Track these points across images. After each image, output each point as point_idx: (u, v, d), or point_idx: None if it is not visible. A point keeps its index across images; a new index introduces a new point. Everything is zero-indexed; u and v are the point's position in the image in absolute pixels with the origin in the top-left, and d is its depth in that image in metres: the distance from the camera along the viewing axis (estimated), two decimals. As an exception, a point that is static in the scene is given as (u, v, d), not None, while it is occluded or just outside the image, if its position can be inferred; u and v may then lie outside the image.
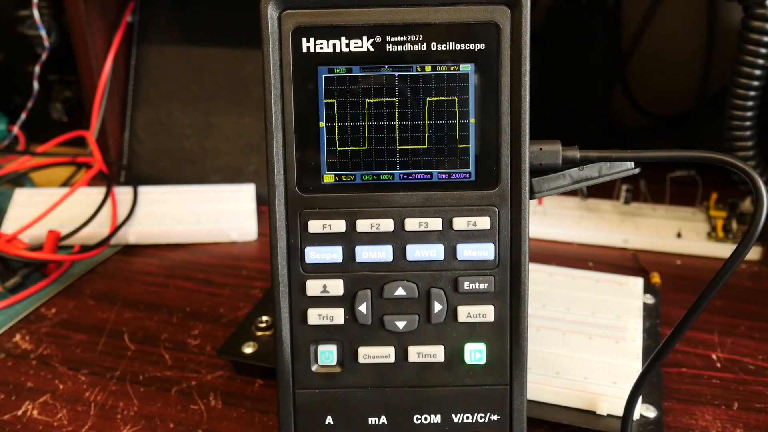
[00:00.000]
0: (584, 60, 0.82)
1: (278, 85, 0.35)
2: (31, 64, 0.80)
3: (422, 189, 0.37)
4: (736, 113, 0.58)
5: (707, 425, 0.44)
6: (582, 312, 0.51)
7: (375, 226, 0.37)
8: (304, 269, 0.37)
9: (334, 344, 0.38)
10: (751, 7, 0.54)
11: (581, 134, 0.84)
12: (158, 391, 0.47)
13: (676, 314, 0.54)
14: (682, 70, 0.82)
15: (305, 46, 0.35)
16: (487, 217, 0.37)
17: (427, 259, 0.37)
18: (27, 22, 0.77)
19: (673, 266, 0.63)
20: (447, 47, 0.35)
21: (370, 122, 0.36)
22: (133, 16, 0.80)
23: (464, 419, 0.38)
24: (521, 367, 0.38)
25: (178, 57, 0.79)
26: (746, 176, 0.35)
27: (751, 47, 0.55)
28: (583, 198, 0.71)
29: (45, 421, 0.45)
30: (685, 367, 0.49)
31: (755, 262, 0.63)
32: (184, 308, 0.56)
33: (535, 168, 0.37)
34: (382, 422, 0.38)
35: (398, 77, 0.36)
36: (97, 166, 0.76)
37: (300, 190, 0.36)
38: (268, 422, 0.45)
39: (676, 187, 0.69)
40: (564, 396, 0.43)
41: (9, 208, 0.69)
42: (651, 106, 0.85)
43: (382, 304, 0.37)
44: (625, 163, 0.38)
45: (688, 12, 0.81)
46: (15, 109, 0.84)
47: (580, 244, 0.67)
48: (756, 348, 0.51)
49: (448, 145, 0.36)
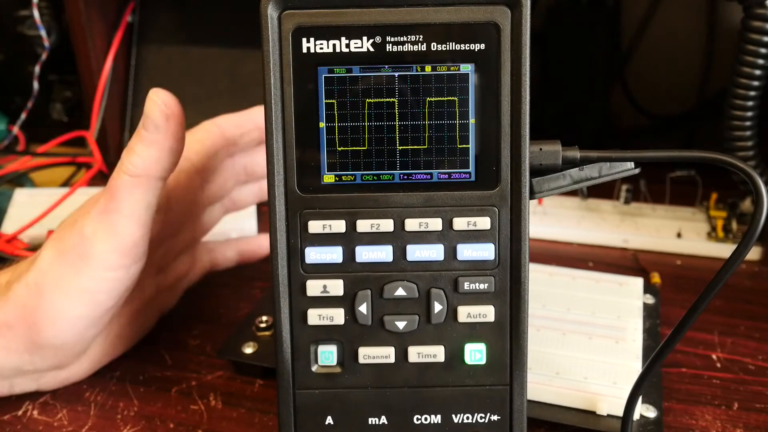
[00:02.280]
0: (584, 60, 0.82)
1: (278, 86, 0.35)
2: (31, 64, 0.80)
3: (422, 189, 0.37)
4: (736, 113, 0.58)
5: (707, 425, 0.44)
6: (582, 312, 0.51)
7: (375, 226, 0.37)
8: (304, 269, 0.37)
9: (334, 344, 0.38)
10: (751, 7, 0.54)
11: (581, 134, 0.84)
12: (158, 391, 0.47)
13: (676, 314, 0.54)
14: (682, 70, 0.82)
15: (305, 47, 0.35)
16: (487, 218, 0.37)
17: (427, 259, 0.37)
18: (27, 22, 0.77)
19: (673, 266, 0.63)
20: (447, 47, 0.35)
21: (370, 122, 0.36)
22: (133, 16, 0.80)
23: (464, 419, 0.38)
24: (521, 367, 0.38)
25: (178, 57, 0.79)
26: (746, 176, 0.35)
27: (751, 47, 0.55)
28: (583, 198, 0.71)
29: (45, 421, 0.45)
30: (685, 367, 0.49)
31: (755, 262, 0.63)
32: (184, 308, 0.56)
33: (535, 168, 0.37)
34: (382, 422, 0.38)
35: (398, 77, 0.36)
36: (97, 166, 0.76)
37: (300, 190, 0.36)
38: (268, 422, 0.45)
39: (676, 187, 0.69)
40: (564, 396, 0.43)
41: (9, 208, 0.69)
42: (651, 106, 0.85)
43: (382, 305, 0.37)
44: (625, 163, 0.38)
45: (688, 12, 0.81)
46: (15, 109, 0.84)
47: (580, 244, 0.67)
48: (756, 348, 0.51)
49: (448, 146, 0.36)
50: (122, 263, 0.42)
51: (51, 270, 0.42)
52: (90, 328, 0.44)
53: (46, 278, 0.42)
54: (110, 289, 0.43)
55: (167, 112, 0.41)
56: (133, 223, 0.42)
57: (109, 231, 0.42)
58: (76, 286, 0.42)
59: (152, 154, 0.41)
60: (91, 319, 0.43)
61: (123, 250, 0.42)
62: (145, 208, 0.42)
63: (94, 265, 0.42)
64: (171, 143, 0.42)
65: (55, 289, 0.42)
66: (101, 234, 0.42)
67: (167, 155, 0.42)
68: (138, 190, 0.41)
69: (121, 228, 0.42)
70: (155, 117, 0.41)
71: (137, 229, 0.42)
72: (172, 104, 0.41)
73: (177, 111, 0.42)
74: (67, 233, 0.43)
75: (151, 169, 0.41)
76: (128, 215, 0.42)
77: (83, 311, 0.42)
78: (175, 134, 0.42)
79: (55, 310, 0.42)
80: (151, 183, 0.42)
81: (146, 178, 0.41)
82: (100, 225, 0.42)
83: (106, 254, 0.42)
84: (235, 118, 0.51)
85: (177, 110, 0.42)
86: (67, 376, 0.47)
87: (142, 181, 0.41)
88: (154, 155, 0.41)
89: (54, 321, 0.42)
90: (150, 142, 0.41)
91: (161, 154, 0.41)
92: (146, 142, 0.41)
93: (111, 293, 0.43)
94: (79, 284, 0.42)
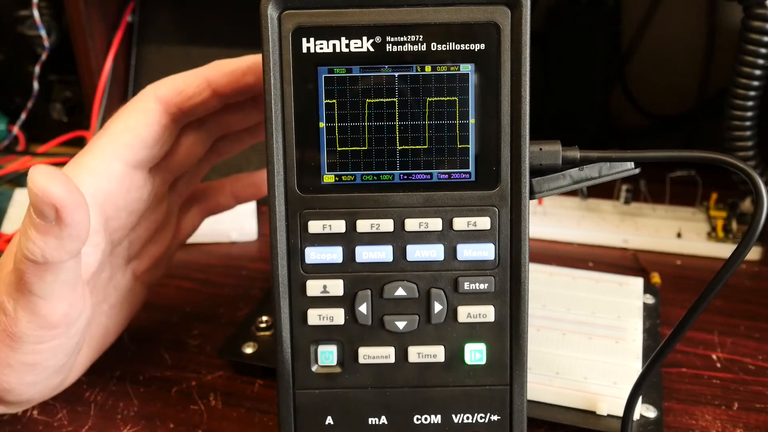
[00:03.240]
0: (584, 60, 0.82)
1: (278, 86, 0.35)
2: (31, 64, 0.80)
3: (422, 189, 0.37)
4: (736, 113, 0.58)
5: (707, 425, 0.44)
6: (582, 312, 0.51)
7: (375, 226, 0.37)
8: (304, 269, 0.37)
9: (334, 344, 0.38)
10: (751, 7, 0.54)
11: (581, 134, 0.84)
12: (158, 391, 0.47)
13: (676, 314, 0.54)
14: (682, 70, 0.82)
15: (305, 47, 0.35)
16: (487, 218, 0.37)
17: (427, 259, 0.37)
18: (27, 22, 0.77)
19: (673, 266, 0.63)
20: (447, 47, 0.35)
21: (370, 122, 0.36)
22: (133, 16, 0.80)
23: (464, 419, 0.38)
24: (521, 367, 0.38)
25: (178, 57, 0.79)
26: (746, 176, 0.35)
27: (751, 47, 0.55)
28: (583, 198, 0.71)
29: (45, 421, 0.45)
30: (685, 367, 0.49)
31: (755, 262, 0.63)
32: (184, 308, 0.56)
33: (535, 168, 0.37)
34: (382, 422, 0.38)
35: (398, 77, 0.36)
36: (97, 166, 0.76)
37: (300, 190, 0.36)
38: (268, 422, 0.45)
39: (676, 187, 0.69)
40: (564, 396, 0.43)
41: (9, 208, 0.69)
42: (651, 106, 0.85)
43: (382, 305, 0.37)
44: (625, 163, 0.38)
45: (688, 12, 0.81)
46: (15, 109, 0.84)
47: (580, 244, 0.67)
48: (756, 348, 0.51)
49: (448, 146, 0.36)
50: (56, 334, 0.38)
51: None
52: (52, 377, 0.41)
53: None
54: (56, 352, 0.39)
55: (56, 202, 0.33)
56: (53, 303, 0.37)
57: (29, 311, 0.36)
58: (18, 361, 0.38)
59: (50, 243, 0.34)
60: (48, 376, 0.40)
61: (51, 325, 0.37)
62: (61, 284, 0.36)
63: (27, 342, 0.37)
64: (71, 231, 0.34)
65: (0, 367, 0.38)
66: (23, 314, 0.37)
67: (70, 241, 0.34)
68: (46, 273, 0.35)
69: (41, 310, 0.37)
70: (42, 209, 0.33)
71: (60, 305, 0.37)
72: (61, 191, 0.33)
73: (69, 200, 0.33)
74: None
75: (54, 256, 0.34)
76: (44, 296, 0.36)
77: (35, 378, 0.39)
78: (75, 223, 0.34)
79: (7, 384, 0.39)
80: (57, 267, 0.35)
81: (50, 264, 0.35)
82: (17, 304, 0.36)
83: (35, 332, 0.37)
84: (180, 80, 0.42)
85: (69, 199, 0.33)
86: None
87: (47, 266, 0.35)
88: (51, 243, 0.34)
89: (8, 392, 0.39)
90: (44, 231, 0.33)
91: (61, 242, 0.34)
92: (41, 230, 0.34)
93: (59, 353, 0.39)
94: (21, 360, 0.38)
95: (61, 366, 0.41)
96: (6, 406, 0.42)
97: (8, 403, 0.41)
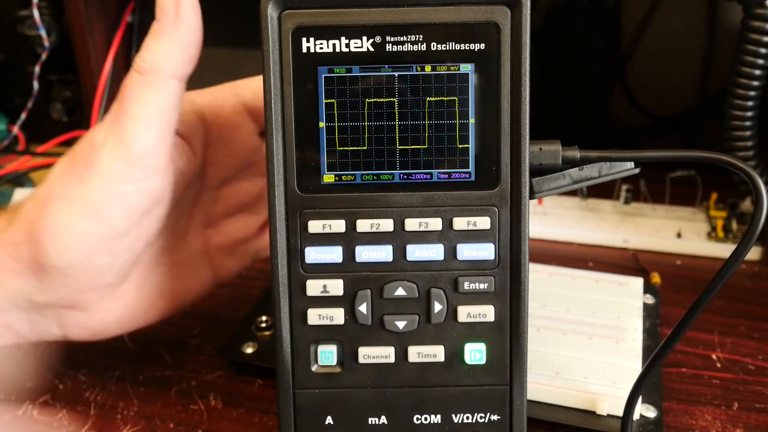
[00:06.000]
0: (584, 60, 0.82)
1: (278, 85, 0.35)
2: (31, 64, 0.80)
3: (422, 189, 0.37)
4: (736, 113, 0.58)
5: (707, 425, 0.44)
6: (582, 312, 0.51)
7: (375, 226, 0.37)
8: (304, 269, 0.37)
9: (334, 344, 0.38)
10: (751, 7, 0.54)
11: (581, 134, 0.84)
12: (158, 391, 0.47)
13: (676, 314, 0.54)
14: (682, 70, 0.82)
15: (305, 46, 0.35)
16: (487, 217, 0.37)
17: (427, 259, 0.37)
18: (27, 22, 0.77)
19: (673, 266, 0.63)
20: (447, 47, 0.35)
21: (370, 122, 0.36)
22: (133, 16, 0.80)
23: (464, 419, 0.38)
24: (521, 367, 0.38)
25: (178, 57, 0.79)
26: (746, 176, 0.35)
27: (751, 47, 0.55)
28: (583, 198, 0.71)
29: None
30: (685, 367, 0.49)
31: (755, 262, 0.63)
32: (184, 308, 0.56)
33: (535, 168, 0.37)
34: (382, 422, 0.38)
35: (398, 77, 0.36)
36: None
37: (300, 190, 0.36)
38: (268, 422, 0.45)
39: (676, 187, 0.69)
40: (564, 396, 0.43)
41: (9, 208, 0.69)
42: (651, 106, 0.85)
43: (382, 304, 0.37)
44: (625, 163, 0.38)
45: (688, 12, 0.81)
46: (15, 109, 0.84)
47: (580, 244, 0.67)
48: (756, 348, 0.51)
49: (448, 145, 0.36)
50: (130, 175, 0.38)
51: (58, 181, 0.39)
52: (99, 253, 0.40)
53: (53, 190, 0.39)
54: (118, 205, 0.39)
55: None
56: (142, 128, 0.38)
57: (118, 137, 0.38)
58: (81, 197, 0.38)
59: (162, 46, 0.37)
60: (98, 240, 0.39)
61: (131, 158, 0.38)
62: (156, 110, 0.38)
63: (100, 175, 0.38)
64: (183, 34, 0.37)
65: (59, 201, 0.38)
66: (110, 142, 0.38)
67: (179, 48, 0.37)
68: (147, 89, 0.37)
69: (129, 133, 0.38)
70: (164, 4, 0.37)
71: (147, 134, 0.38)
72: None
73: (187, 1, 0.37)
74: (79, 143, 0.39)
75: (161, 63, 0.37)
76: (137, 118, 0.37)
77: (88, 227, 0.39)
78: (188, 23, 0.37)
79: (58, 224, 0.38)
80: (161, 81, 0.37)
81: (155, 74, 0.37)
82: (109, 132, 0.38)
83: (113, 163, 0.38)
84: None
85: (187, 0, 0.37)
86: (92, 324, 0.43)
87: (151, 78, 0.37)
88: (164, 47, 0.37)
89: (56, 236, 0.38)
90: (160, 33, 0.37)
91: (172, 46, 0.37)
92: (156, 34, 0.37)
93: (119, 210, 0.39)
94: (84, 196, 0.38)
95: (111, 239, 0.40)
96: (40, 276, 0.40)
97: (41, 265, 0.39)
